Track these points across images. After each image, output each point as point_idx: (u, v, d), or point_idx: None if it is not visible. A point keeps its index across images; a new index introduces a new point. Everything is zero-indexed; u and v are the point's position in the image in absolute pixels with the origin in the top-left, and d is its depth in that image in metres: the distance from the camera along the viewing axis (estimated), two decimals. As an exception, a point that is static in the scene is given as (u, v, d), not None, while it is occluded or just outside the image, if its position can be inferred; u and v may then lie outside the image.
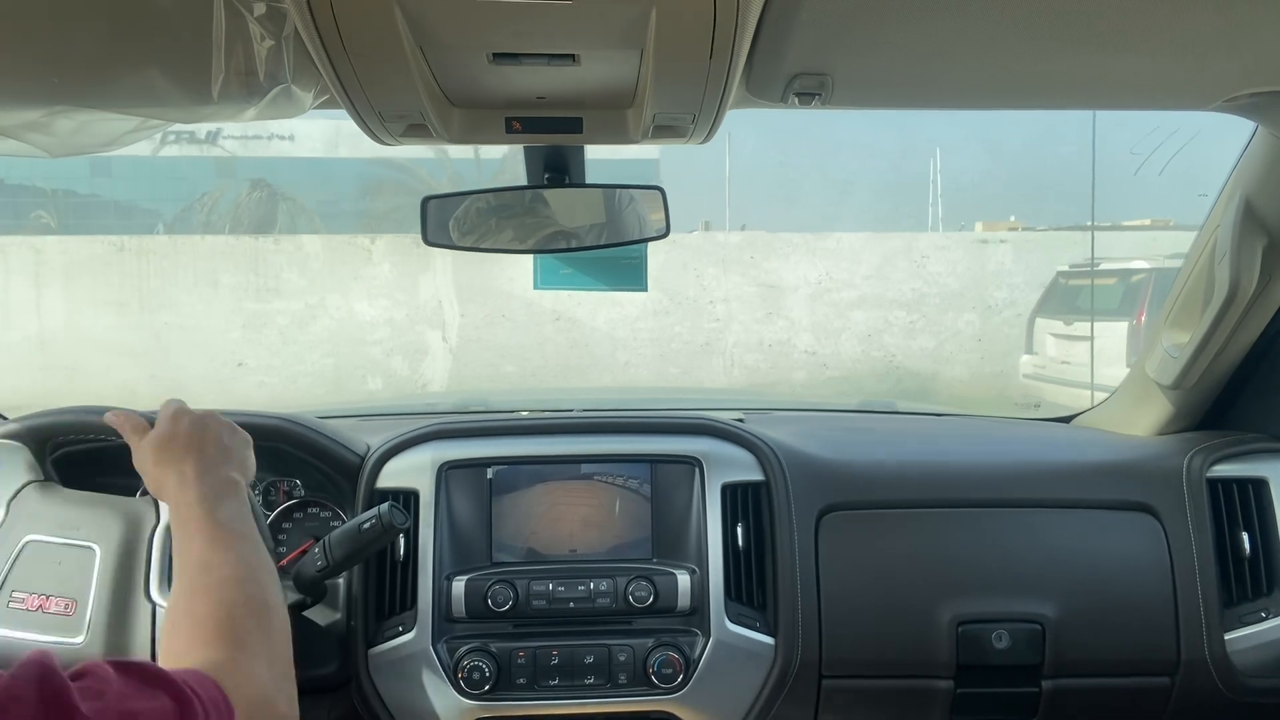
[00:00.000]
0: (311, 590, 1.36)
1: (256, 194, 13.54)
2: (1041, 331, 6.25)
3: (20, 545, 1.36)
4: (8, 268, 9.55)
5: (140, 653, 1.31)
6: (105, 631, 1.32)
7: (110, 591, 1.33)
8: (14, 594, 1.33)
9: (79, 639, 1.31)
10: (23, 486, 1.41)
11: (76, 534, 1.36)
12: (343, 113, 1.13)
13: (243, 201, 13.55)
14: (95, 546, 1.35)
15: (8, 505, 1.40)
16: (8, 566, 1.34)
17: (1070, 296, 6.26)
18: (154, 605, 1.34)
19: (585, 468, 1.56)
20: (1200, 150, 1.54)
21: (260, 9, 0.95)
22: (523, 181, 1.46)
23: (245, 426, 1.47)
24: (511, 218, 1.46)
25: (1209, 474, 1.57)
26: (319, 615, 1.46)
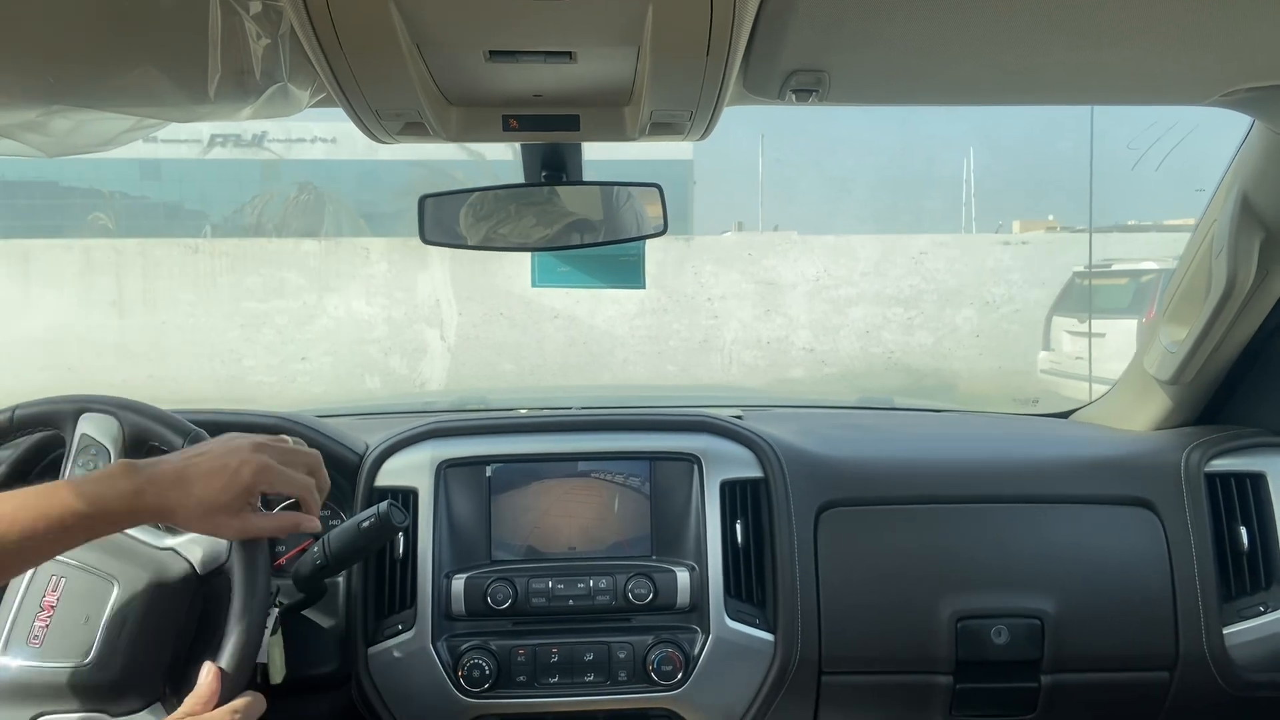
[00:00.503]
0: (310, 589, 1.36)
1: (304, 197, 13.64)
2: (1058, 329, 6.51)
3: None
4: (90, 268, 9.64)
5: None
6: None
7: None
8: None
9: None
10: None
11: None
12: (340, 111, 1.13)
13: (290, 204, 13.64)
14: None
15: None
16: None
17: (1085, 295, 6.58)
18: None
19: (584, 465, 1.56)
20: (1221, 145, 1.53)
21: (256, 7, 0.95)
22: (520, 179, 1.46)
23: (243, 426, 1.46)
24: (509, 216, 1.46)
25: (1207, 469, 1.57)
26: (318, 614, 1.46)
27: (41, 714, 1.13)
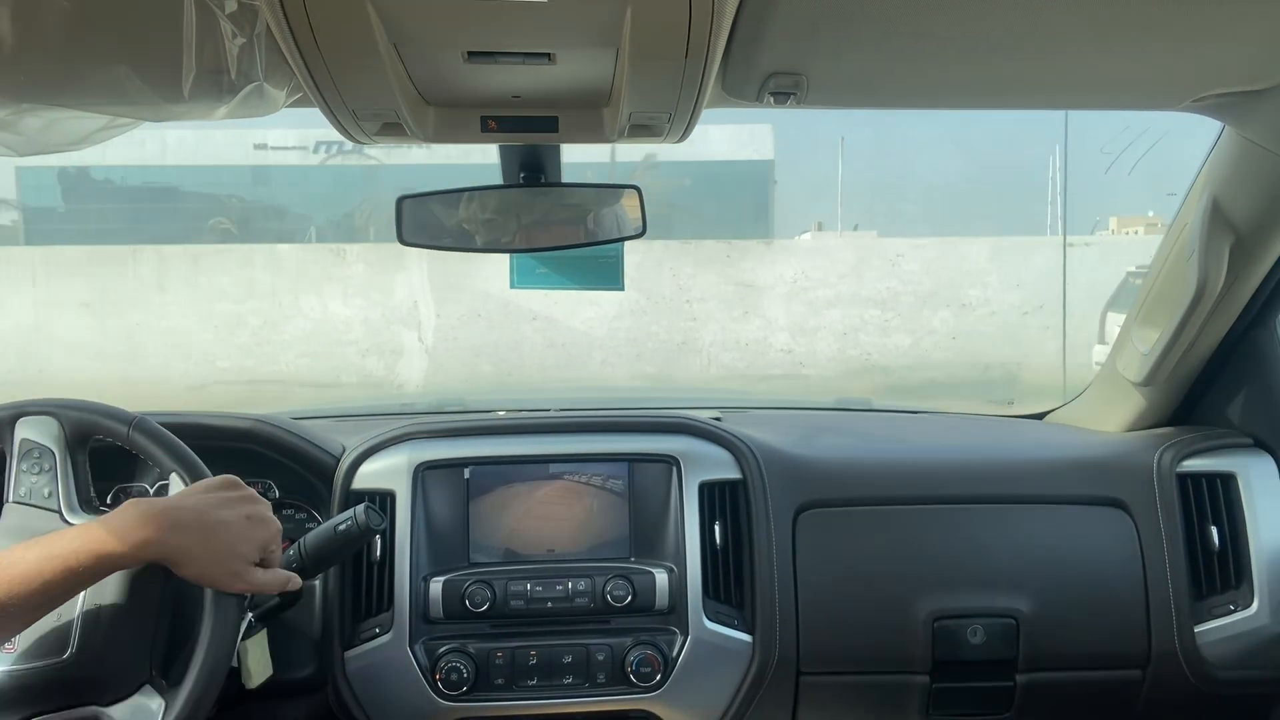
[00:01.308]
0: (286, 593, 1.34)
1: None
2: (1110, 324, 6.91)
3: None
4: (254, 271, 9.80)
5: None
6: None
7: None
8: None
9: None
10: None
11: None
12: (317, 111, 1.12)
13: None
14: None
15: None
16: None
17: (1135, 293, 6.84)
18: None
19: (563, 467, 1.55)
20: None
21: (231, 6, 0.94)
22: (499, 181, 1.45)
23: (218, 429, 1.45)
24: (488, 217, 1.46)
25: (1179, 469, 1.59)
26: (295, 618, 1.45)
27: (32, 715, 1.11)
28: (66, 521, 1.21)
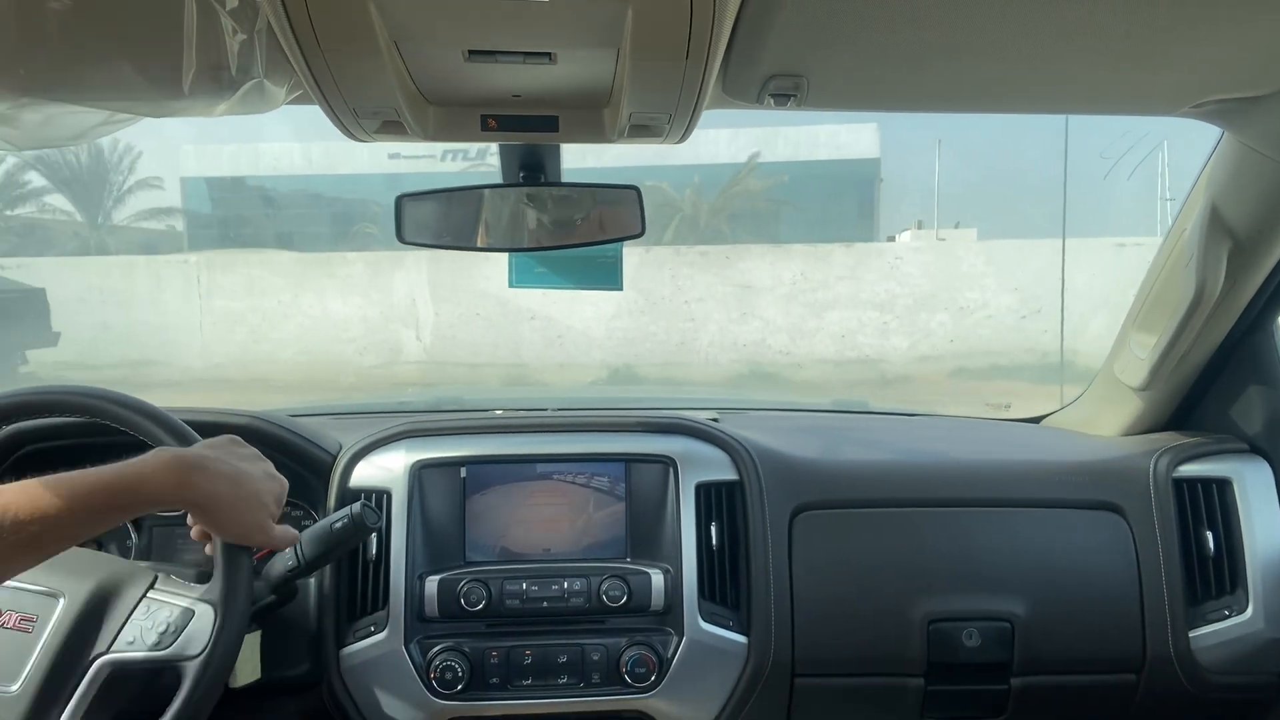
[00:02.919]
0: (282, 590, 1.34)
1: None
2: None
3: None
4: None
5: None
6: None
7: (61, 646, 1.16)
8: None
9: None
10: None
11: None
12: (317, 108, 1.12)
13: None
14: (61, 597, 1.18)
15: None
16: None
17: None
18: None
19: (559, 467, 1.55)
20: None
21: (232, 2, 0.94)
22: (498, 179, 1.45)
23: (215, 425, 1.45)
24: (487, 216, 1.46)
25: (1175, 474, 1.60)
26: (289, 615, 1.45)
27: None
28: None
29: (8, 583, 1.09)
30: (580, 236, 1.48)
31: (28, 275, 10.67)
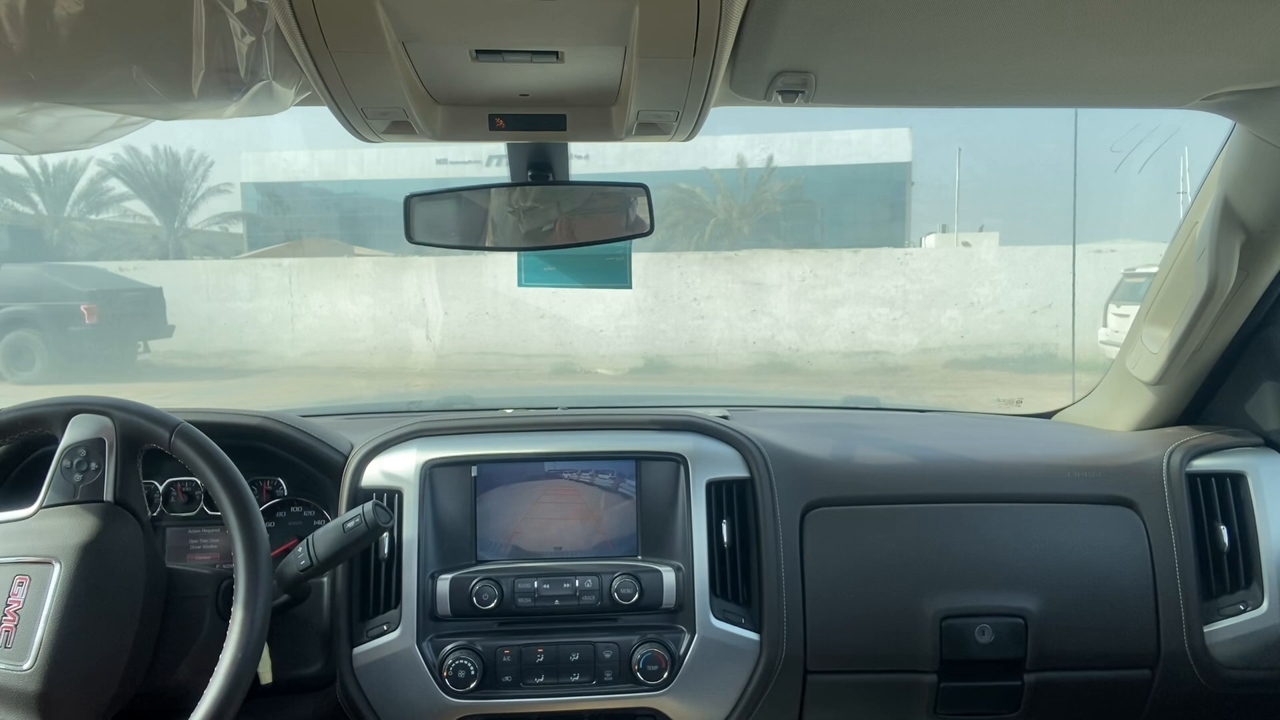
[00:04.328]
0: (295, 590, 1.35)
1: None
2: (1110, 313, 9.05)
3: None
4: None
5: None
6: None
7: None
8: None
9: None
10: None
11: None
12: (325, 110, 1.12)
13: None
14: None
15: None
16: None
17: (1131, 289, 9.00)
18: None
19: (570, 466, 1.56)
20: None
21: (241, 5, 0.94)
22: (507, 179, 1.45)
23: (228, 426, 1.46)
24: (496, 216, 1.46)
25: (1188, 469, 1.59)
26: (302, 615, 1.46)
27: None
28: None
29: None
30: (589, 235, 1.48)
31: (145, 276, 12.01)
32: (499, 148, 1.36)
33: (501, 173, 1.41)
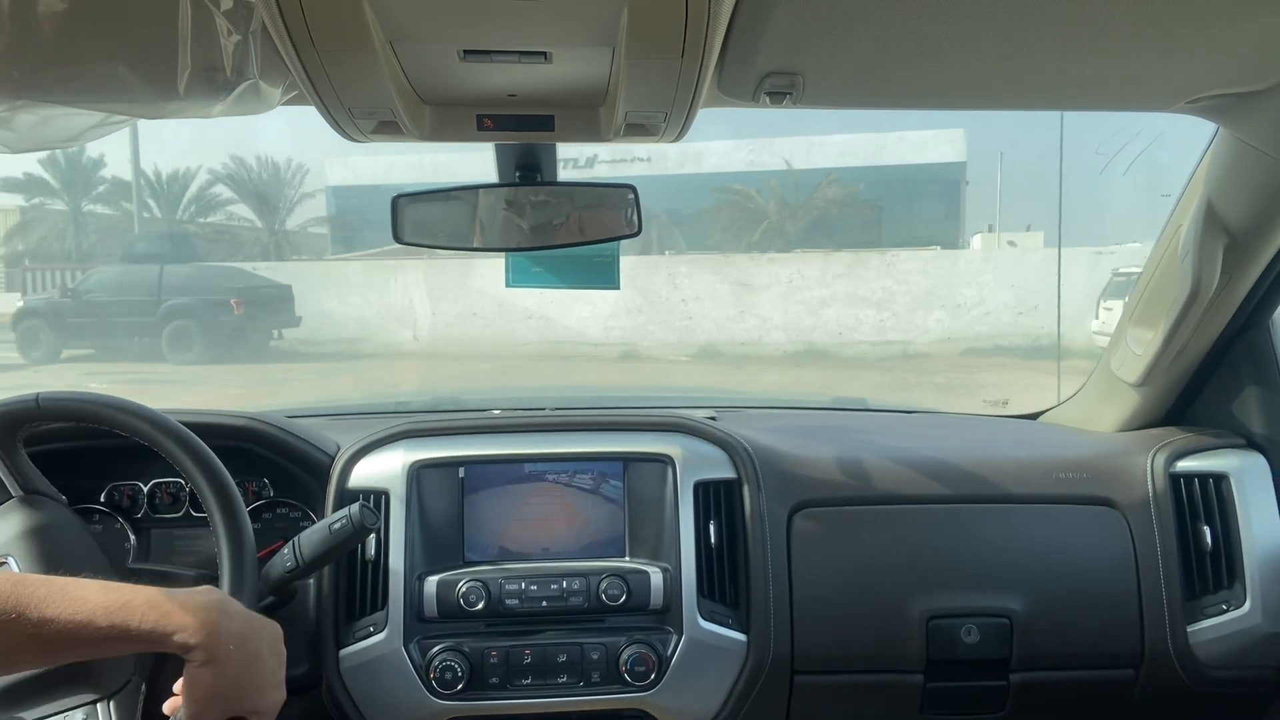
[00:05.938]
0: (281, 591, 1.34)
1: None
2: (1101, 307, 9.69)
3: None
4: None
5: None
6: None
7: None
8: None
9: None
10: None
11: None
12: (312, 109, 1.12)
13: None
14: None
15: None
16: None
17: (1120, 285, 9.56)
18: None
19: (558, 467, 1.55)
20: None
21: (227, 3, 0.94)
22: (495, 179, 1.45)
23: (212, 427, 1.45)
24: (484, 216, 1.46)
25: (1172, 469, 1.60)
26: (289, 616, 1.45)
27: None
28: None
29: None
30: (576, 236, 1.47)
31: (275, 274, 14.55)
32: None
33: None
